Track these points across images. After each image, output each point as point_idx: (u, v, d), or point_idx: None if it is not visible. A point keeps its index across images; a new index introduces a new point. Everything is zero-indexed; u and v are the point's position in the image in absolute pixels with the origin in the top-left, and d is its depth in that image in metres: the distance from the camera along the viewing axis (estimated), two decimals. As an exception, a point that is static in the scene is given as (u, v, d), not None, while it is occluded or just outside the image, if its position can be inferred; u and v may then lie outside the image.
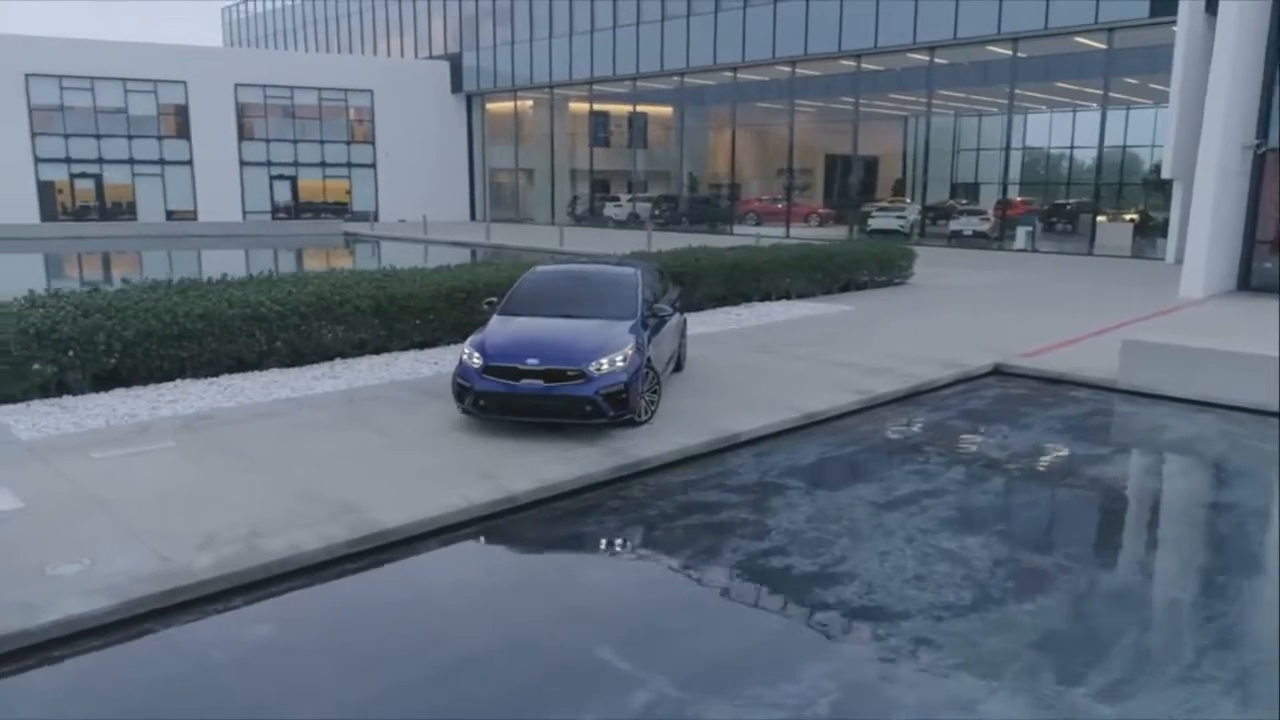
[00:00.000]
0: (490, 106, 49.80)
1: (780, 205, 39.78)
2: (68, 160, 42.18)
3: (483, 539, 6.63)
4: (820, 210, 41.10)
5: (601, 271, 10.33)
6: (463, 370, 8.58)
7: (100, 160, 42.71)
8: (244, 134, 45.24)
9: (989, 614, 5.55)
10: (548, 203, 47.48)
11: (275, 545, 6.03)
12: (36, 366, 9.61)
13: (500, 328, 8.99)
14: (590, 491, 7.44)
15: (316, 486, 7.04)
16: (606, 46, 41.20)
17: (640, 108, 44.46)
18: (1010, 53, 30.29)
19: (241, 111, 45.12)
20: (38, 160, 41.57)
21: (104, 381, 10.01)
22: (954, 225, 34.68)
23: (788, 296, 18.15)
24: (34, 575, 5.52)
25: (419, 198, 46.59)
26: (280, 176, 46.51)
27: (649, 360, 8.90)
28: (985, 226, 33.84)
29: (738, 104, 39.59)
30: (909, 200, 39.11)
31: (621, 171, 46.38)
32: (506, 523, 6.86)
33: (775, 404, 9.77)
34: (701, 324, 14.72)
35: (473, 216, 49.95)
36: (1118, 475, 8.61)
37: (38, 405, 9.30)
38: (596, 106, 45.23)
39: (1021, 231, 31.93)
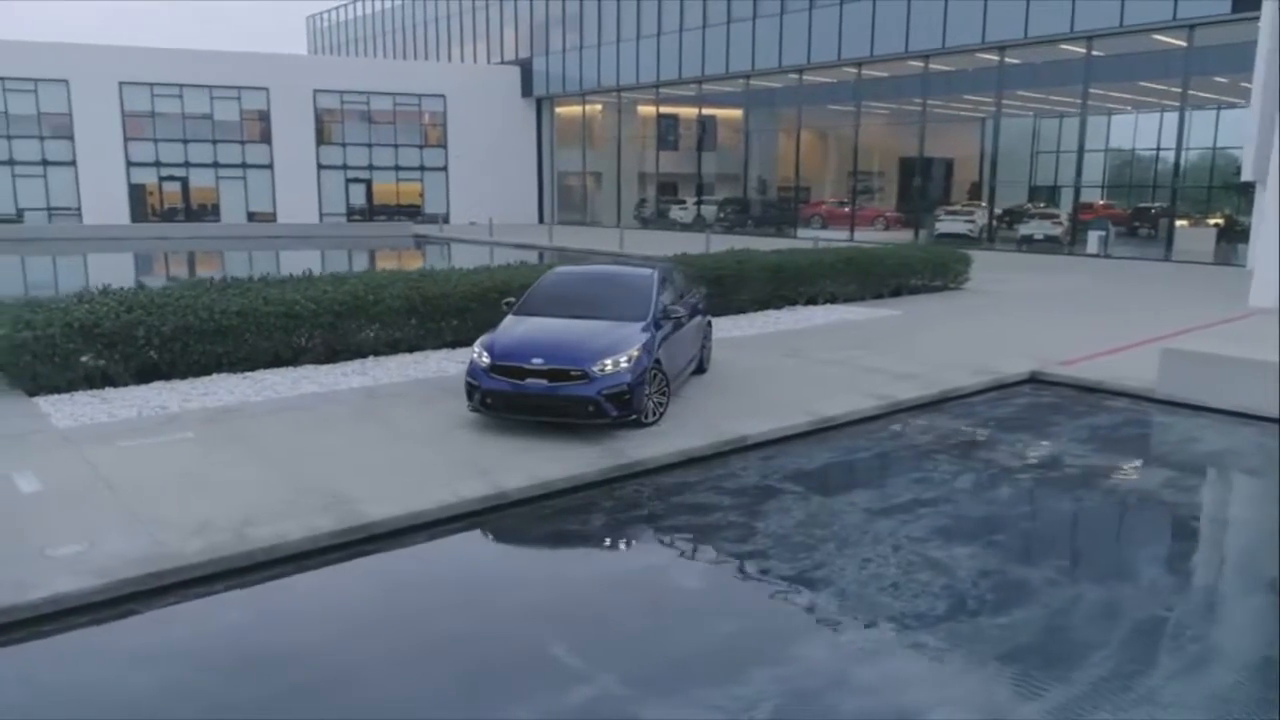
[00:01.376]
0: (559, 110, 50.38)
1: (847, 209, 39.28)
2: (157, 164, 44.18)
3: (466, 534, 6.74)
4: (888, 214, 40.40)
5: (618, 273, 10.40)
6: (472, 369, 8.74)
7: (187, 164, 44.61)
8: (322, 138, 46.69)
9: (958, 625, 5.42)
10: (615, 205, 47.78)
11: (263, 534, 6.25)
12: (85, 359, 10.15)
13: (511, 328, 9.14)
14: (584, 491, 7.50)
15: (316, 478, 7.26)
16: (673, 50, 41.31)
17: (706, 110, 44.42)
18: (1085, 51, 29.33)
19: (320, 116, 46.56)
20: (129, 164, 43.65)
21: (145, 374, 10.49)
22: (1024, 229, 33.75)
23: (833, 300, 17.94)
24: (34, 555, 5.83)
25: (489, 200, 47.37)
26: (355, 180, 47.86)
27: (658, 362, 8.92)
28: (1057, 231, 32.85)
29: (804, 106, 39.22)
30: (983, 204, 38.19)
31: (688, 174, 46.37)
32: (494, 519, 6.97)
33: (790, 408, 9.68)
34: (736, 327, 14.66)
35: (541, 219, 50.57)
36: (1132, 488, 8.26)
37: (80, 396, 9.80)
38: (663, 110, 45.35)
39: (1094, 236, 30.87)
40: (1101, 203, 43.57)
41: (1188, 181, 37.61)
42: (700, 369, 11.17)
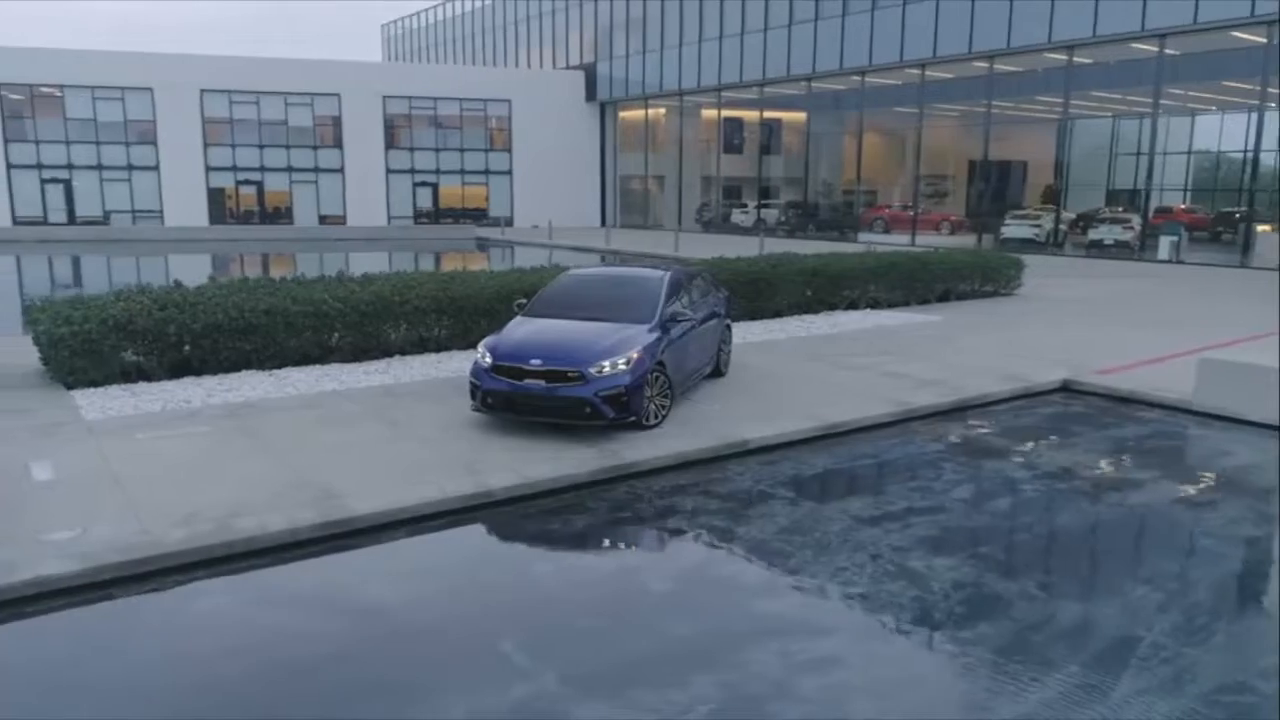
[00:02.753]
0: (623, 114, 50.63)
1: (909, 213, 38.56)
2: (234, 169, 45.80)
3: (445, 531, 6.81)
4: (953, 218, 39.51)
5: (628, 276, 10.42)
6: (474, 369, 8.86)
7: (262, 168, 46.14)
8: (390, 143, 47.78)
9: (915, 638, 5.30)
10: (676, 209, 47.80)
11: (246, 525, 6.43)
12: (127, 355, 10.60)
13: (515, 328, 9.23)
14: (571, 491, 7.53)
15: (310, 473, 7.44)
16: (734, 53, 41.16)
17: (768, 114, 44.12)
18: (1157, 50, 28.26)
19: (389, 121, 47.67)
20: (208, 169, 45.35)
21: (178, 370, 10.90)
22: (1094, 234, 32.65)
23: (876, 306, 17.64)
24: (28, 539, 6.11)
25: (552, 204, 47.87)
26: (422, 183, 48.85)
27: (661, 365, 8.91)
28: (1128, 235, 31.70)
29: (866, 109, 38.66)
30: (1052, 208, 37.04)
31: (750, 178, 46.13)
32: (477, 516, 7.05)
33: (800, 413, 9.56)
34: (767, 331, 14.53)
35: (603, 222, 50.86)
36: (1141, 501, 7.86)
37: (114, 390, 10.22)
38: (725, 113, 45.19)
39: (1165, 241, 29.70)
40: (1182, 207, 41.86)
41: (1269, 184, 35.84)
42: (718, 372, 11.11)
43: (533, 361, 8.48)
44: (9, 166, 42.99)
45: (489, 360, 8.71)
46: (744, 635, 5.33)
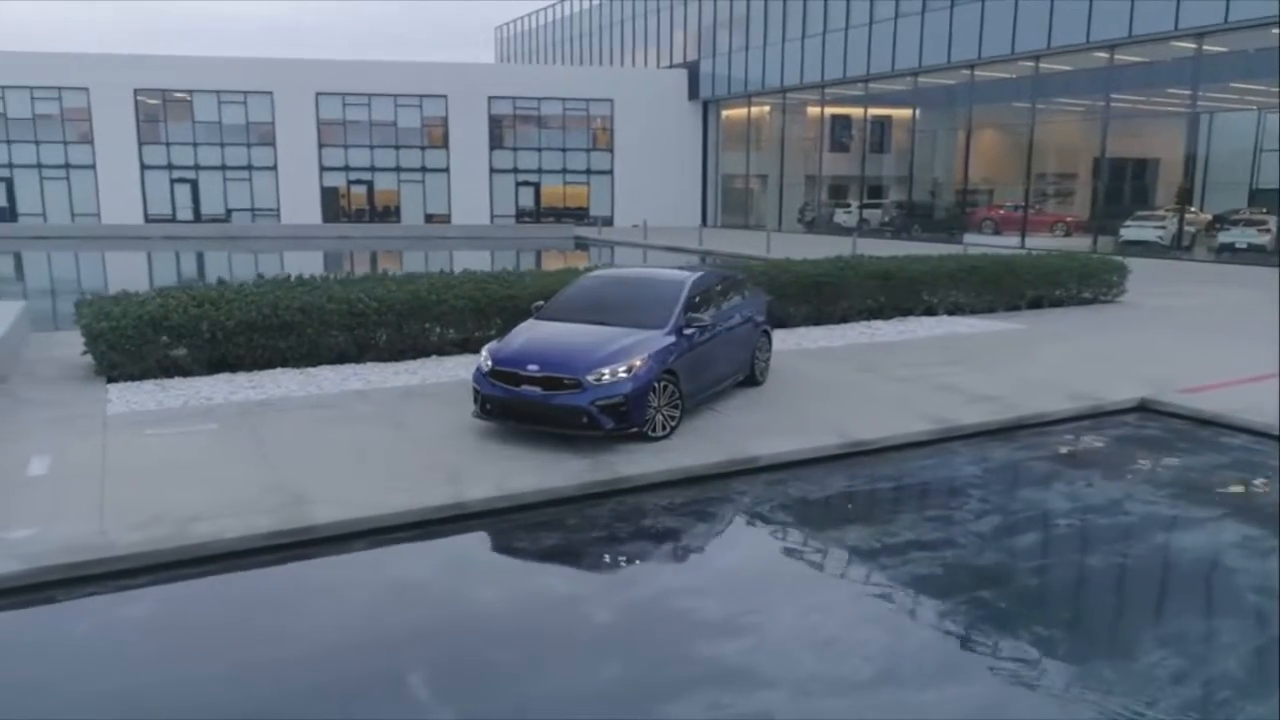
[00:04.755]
0: (725, 113, 49.92)
1: (1019, 213, 36.51)
2: (346, 169, 47.39)
3: (402, 546, 6.47)
4: (1068, 219, 37.18)
5: (649, 278, 9.93)
6: (476, 373, 8.57)
7: (372, 168, 47.58)
8: (495, 143, 48.51)
9: (863, 699, 4.65)
10: (778, 209, 46.79)
11: (203, 530, 6.30)
12: (172, 350, 10.81)
13: (520, 333, 8.90)
14: (551, 506, 7.11)
15: (291, 477, 7.28)
16: (838, 48, 39.92)
17: (873, 110, 42.62)
18: (1299, 37, 25.76)
19: (493, 122, 48.39)
20: (322, 168, 47.07)
21: (216, 366, 11.04)
22: (1224, 237, 30.09)
23: (959, 312, 16.57)
24: (-11, 536, 6.13)
25: (653, 203, 47.64)
26: (525, 183, 49.41)
27: (671, 373, 8.40)
28: (1264, 239, 29.05)
29: (976, 105, 36.80)
30: (1179, 208, 34.39)
31: (854, 177, 44.69)
32: (442, 530, 6.71)
33: (826, 428, 8.88)
34: (826, 337, 13.78)
35: (704, 222, 50.27)
36: (1189, 546, 6.84)
37: (148, 384, 10.41)
38: (829, 110, 43.91)
39: (1303, 246, 27.06)
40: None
41: None
42: (753, 380, 10.50)
43: (530, 368, 8.12)
44: (143, 167, 45.69)
45: (489, 365, 8.40)
46: (674, 682, 4.80)
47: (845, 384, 10.78)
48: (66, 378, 10.77)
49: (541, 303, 10.01)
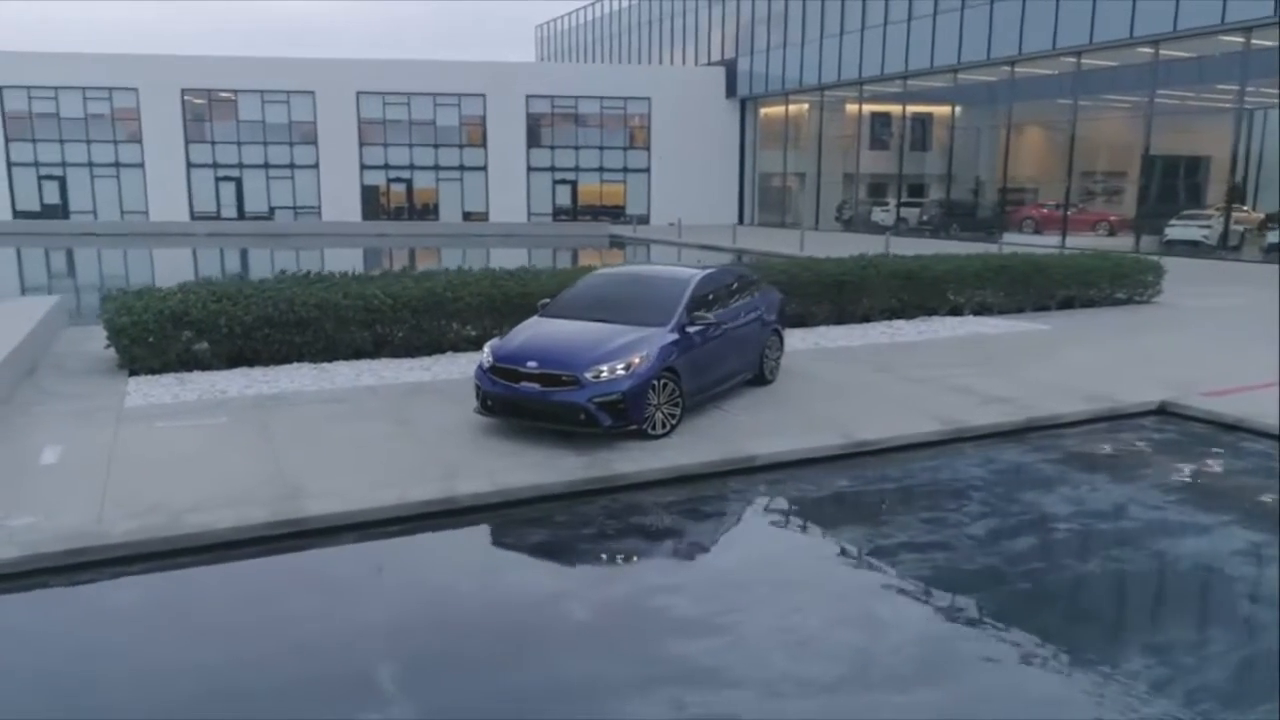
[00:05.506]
0: (763, 111, 49.63)
1: (1060, 212, 35.81)
2: (386, 167, 47.97)
3: (391, 540, 6.52)
4: (1111, 218, 36.38)
5: (654, 275, 9.91)
6: (478, 370, 8.62)
7: (411, 167, 48.10)
8: (532, 141, 48.76)
9: (834, 699, 4.59)
10: (815, 207, 46.42)
11: (197, 520, 6.41)
12: (196, 345, 11.02)
13: (522, 329, 8.94)
14: (543, 503, 7.12)
15: (290, 470, 7.38)
16: (876, 45, 39.47)
17: (912, 108, 42.07)
18: (1354, 29, 24.92)
19: (531, 120, 48.64)
20: (363, 167, 47.69)
21: (235, 361, 11.24)
22: (1271, 237, 29.23)
23: (986, 312, 16.30)
24: (-8, 523, 6.31)
25: (690, 201, 47.58)
26: (562, 181, 49.61)
27: (672, 370, 8.38)
28: (1315, 239, 28.19)
29: (1016, 102, 36.16)
30: (1229, 207, 33.46)
31: (892, 175, 44.17)
32: (431, 524, 6.75)
33: (830, 428, 8.79)
34: (845, 337, 13.64)
35: (741, 220, 50.09)
36: (1191, 553, 6.61)
37: (167, 378, 10.62)
38: (867, 108, 43.44)
39: (1357, 246, 26.19)
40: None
41: None
42: (762, 379, 10.43)
43: (529, 364, 8.16)
44: (189, 166, 46.69)
45: (490, 361, 8.45)
46: (642, 680, 4.79)
47: (858, 384, 10.67)
48: (91, 371, 11.04)
49: (547, 300, 10.04)
